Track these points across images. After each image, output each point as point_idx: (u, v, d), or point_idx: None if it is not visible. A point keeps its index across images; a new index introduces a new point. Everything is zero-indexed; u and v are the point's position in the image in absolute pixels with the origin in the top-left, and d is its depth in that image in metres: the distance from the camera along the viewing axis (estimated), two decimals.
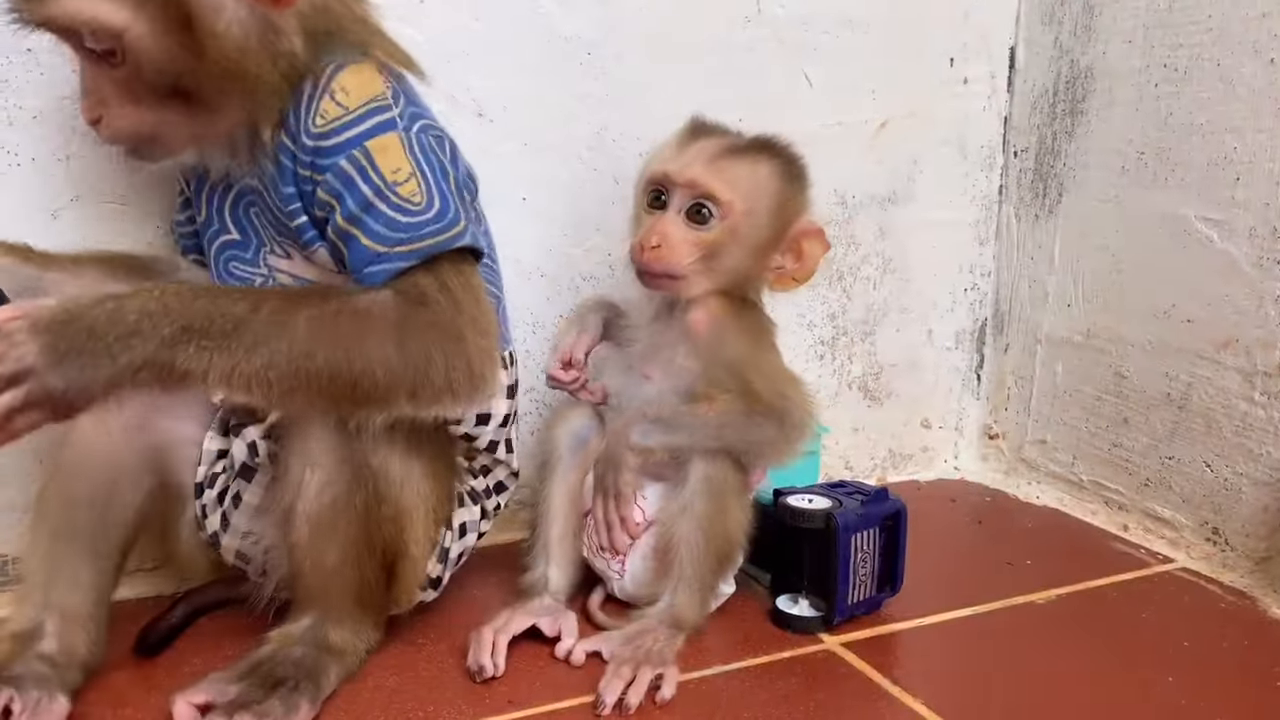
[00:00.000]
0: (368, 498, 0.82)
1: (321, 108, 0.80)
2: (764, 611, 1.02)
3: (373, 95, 0.81)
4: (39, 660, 0.81)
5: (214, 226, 0.90)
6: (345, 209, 0.79)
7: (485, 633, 0.91)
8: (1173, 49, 1.18)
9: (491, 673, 0.88)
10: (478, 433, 0.93)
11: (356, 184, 0.79)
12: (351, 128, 0.80)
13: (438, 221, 0.80)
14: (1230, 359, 1.13)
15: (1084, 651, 0.96)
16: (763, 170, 0.95)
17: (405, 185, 0.79)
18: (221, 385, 0.71)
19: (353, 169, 0.79)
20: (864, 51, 1.29)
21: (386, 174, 0.79)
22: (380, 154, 0.80)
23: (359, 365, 0.74)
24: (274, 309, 0.73)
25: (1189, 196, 1.17)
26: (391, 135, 0.81)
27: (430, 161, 0.82)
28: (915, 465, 1.47)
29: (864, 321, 1.38)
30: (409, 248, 0.79)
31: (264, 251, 0.88)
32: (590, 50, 1.14)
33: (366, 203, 0.79)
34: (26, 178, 0.95)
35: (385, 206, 0.79)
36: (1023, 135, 1.39)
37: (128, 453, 0.87)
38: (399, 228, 0.79)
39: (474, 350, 0.79)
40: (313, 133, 0.80)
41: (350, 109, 0.80)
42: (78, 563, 0.85)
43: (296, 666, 0.82)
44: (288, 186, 0.83)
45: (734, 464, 0.94)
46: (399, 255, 0.78)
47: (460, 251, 0.81)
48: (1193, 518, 1.19)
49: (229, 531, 0.91)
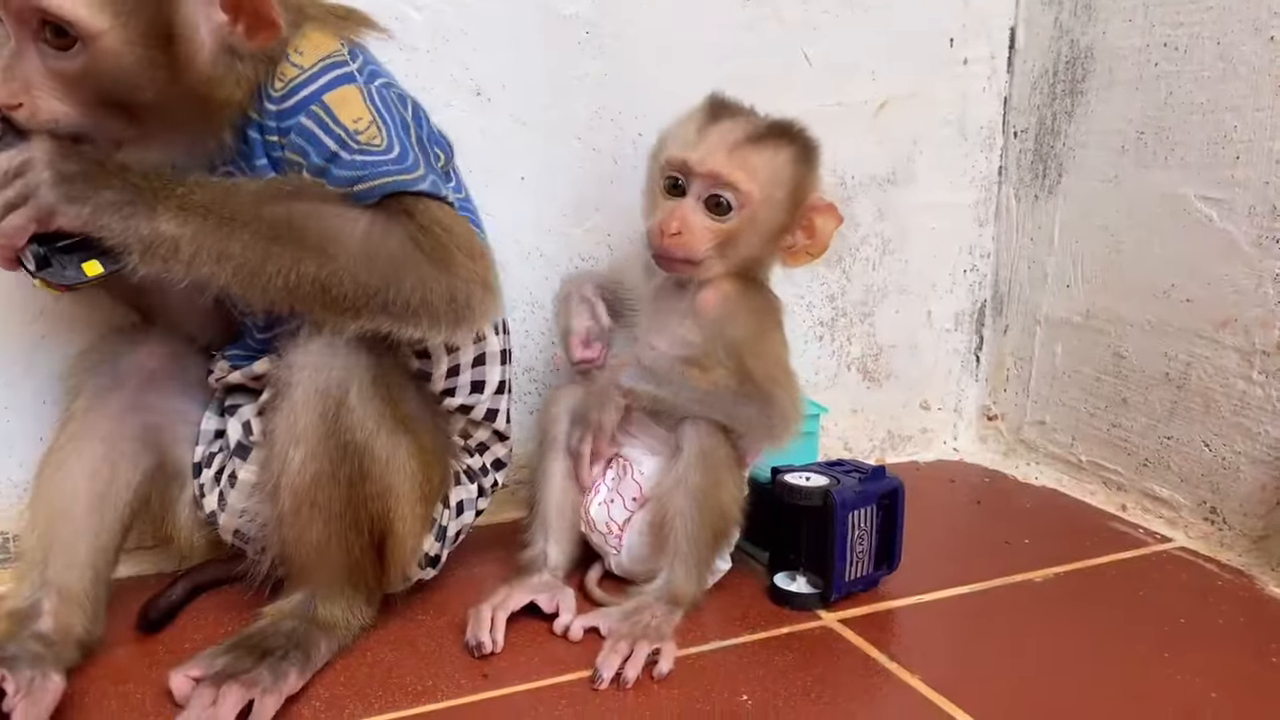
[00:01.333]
0: (352, 474, 0.82)
1: (279, 72, 0.81)
2: (762, 588, 1.02)
3: (328, 52, 0.82)
4: (34, 639, 0.81)
5: None
6: (311, 163, 0.80)
7: (484, 609, 0.92)
8: (1173, 27, 1.18)
9: (490, 649, 0.88)
10: (473, 401, 0.93)
11: (319, 137, 0.80)
12: (309, 84, 0.81)
13: (398, 163, 0.80)
14: (1229, 338, 1.13)
15: (1081, 628, 0.96)
16: (781, 157, 0.95)
17: (365, 132, 0.80)
18: (192, 255, 0.74)
19: (313, 124, 0.80)
20: (864, 31, 1.28)
21: (347, 123, 0.80)
22: (340, 105, 0.80)
23: (328, 269, 0.76)
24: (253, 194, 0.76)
25: (1189, 176, 1.17)
26: (350, 87, 0.81)
27: (390, 112, 0.83)
28: (914, 446, 1.47)
29: (863, 303, 1.38)
30: (368, 185, 0.79)
31: None
32: (589, 29, 1.14)
33: (330, 153, 0.80)
34: None
35: (347, 154, 0.80)
36: (1022, 115, 1.39)
37: (126, 432, 0.88)
38: (359, 167, 0.79)
39: (455, 273, 0.80)
40: (274, 97, 0.81)
41: (305, 67, 0.81)
42: (76, 541, 0.85)
43: (287, 638, 0.82)
44: (259, 159, 0.83)
45: (727, 438, 0.95)
46: (359, 193, 0.79)
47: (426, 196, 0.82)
48: (1191, 497, 1.19)
49: (226, 510, 0.91)
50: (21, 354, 0.99)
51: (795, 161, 0.96)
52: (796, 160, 0.96)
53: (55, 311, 0.98)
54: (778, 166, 0.95)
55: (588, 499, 1.00)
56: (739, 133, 0.95)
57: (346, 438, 0.81)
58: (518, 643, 0.91)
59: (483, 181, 1.09)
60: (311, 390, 0.80)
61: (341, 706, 0.81)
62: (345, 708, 0.81)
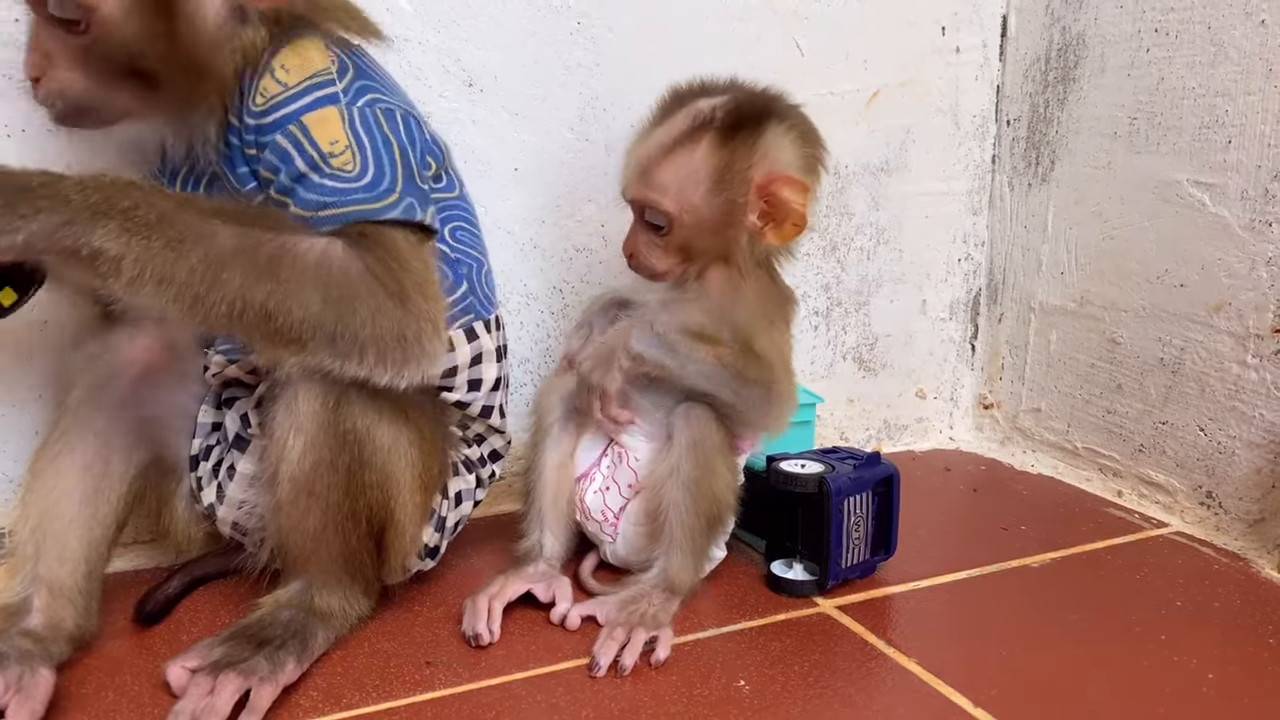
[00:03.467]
0: (351, 463, 0.82)
1: (261, 86, 0.81)
2: (759, 576, 1.02)
3: (314, 71, 0.81)
4: (23, 636, 0.81)
5: None
6: (279, 182, 0.80)
7: (480, 600, 0.92)
8: (1164, 13, 1.18)
9: (488, 640, 0.88)
10: (470, 399, 0.93)
11: (292, 157, 0.79)
12: (289, 104, 0.80)
13: (368, 190, 0.79)
14: (1223, 322, 1.13)
15: (1078, 613, 0.96)
16: (695, 156, 0.93)
17: (339, 157, 0.79)
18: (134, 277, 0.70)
19: (288, 143, 0.79)
20: (856, 21, 1.29)
21: (323, 145, 0.79)
22: (317, 126, 0.80)
23: (277, 296, 0.74)
24: (203, 212, 0.73)
25: (1181, 161, 1.17)
26: (330, 109, 0.80)
27: (372, 134, 0.81)
28: (910, 435, 1.47)
29: (858, 292, 1.38)
30: (333, 212, 0.78)
31: None
32: (580, 20, 1.14)
33: (299, 174, 0.79)
34: (18, 149, 0.95)
35: (317, 176, 0.79)
36: (1015, 104, 1.39)
37: (120, 426, 0.87)
38: (327, 192, 0.79)
39: (409, 309, 0.78)
40: (254, 111, 0.81)
41: (289, 85, 0.81)
42: (68, 536, 0.85)
43: (284, 628, 0.82)
44: (240, 166, 0.83)
45: (719, 425, 0.95)
46: (323, 219, 0.78)
47: (400, 225, 0.81)
48: (1186, 482, 1.19)
49: (225, 502, 0.91)
50: (15, 349, 0.99)
51: (711, 150, 0.92)
52: (713, 148, 0.92)
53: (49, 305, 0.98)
54: (690, 169, 0.93)
55: (583, 486, 1.00)
56: (655, 146, 0.94)
57: (347, 425, 0.81)
58: (514, 631, 0.91)
59: (476, 173, 1.10)
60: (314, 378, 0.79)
61: (339, 696, 0.81)
62: (343, 697, 0.81)
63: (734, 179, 0.93)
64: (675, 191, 0.93)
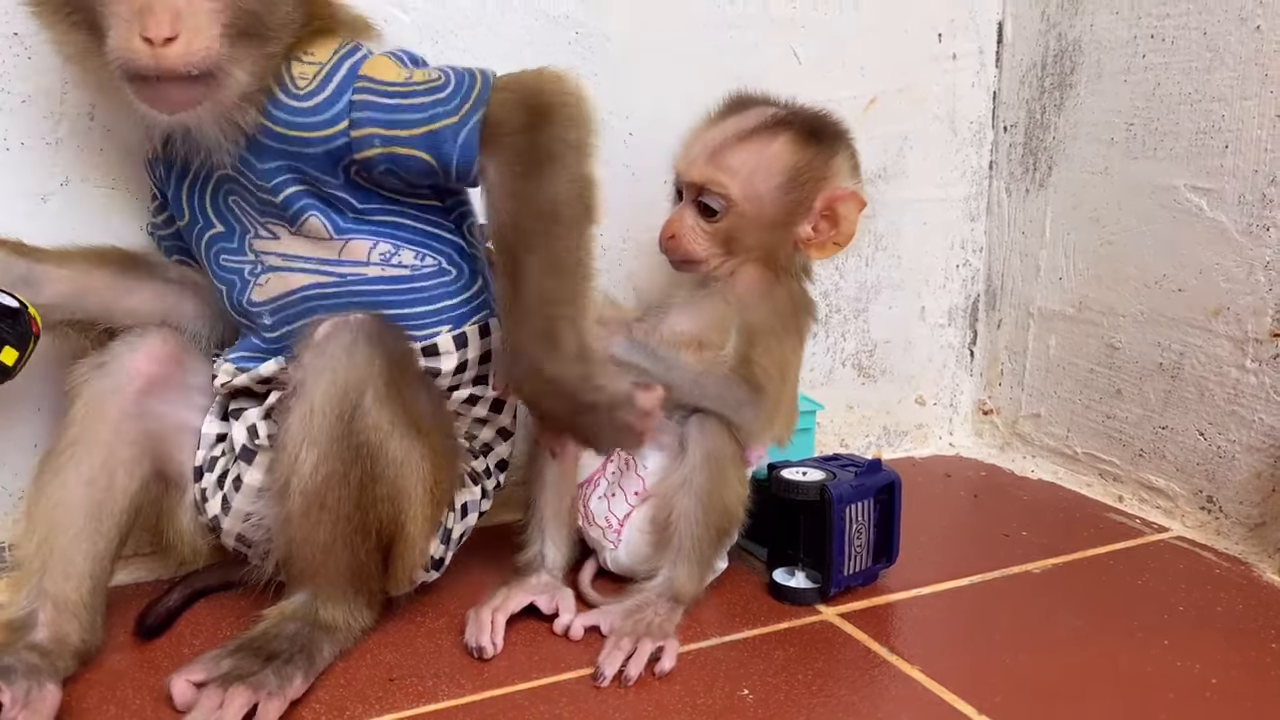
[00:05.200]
0: (363, 476, 0.82)
1: (295, 73, 0.82)
2: (761, 584, 1.02)
3: (335, 46, 0.84)
4: (29, 650, 0.80)
5: (199, 224, 0.89)
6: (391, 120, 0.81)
7: (483, 612, 0.91)
8: (1159, 19, 1.18)
9: (491, 652, 0.88)
10: (480, 392, 0.93)
11: (379, 102, 0.81)
12: (337, 70, 0.82)
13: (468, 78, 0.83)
14: (1222, 327, 1.14)
15: (1080, 618, 0.96)
16: (772, 149, 0.96)
17: (415, 79, 0.82)
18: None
19: (367, 95, 0.81)
20: (853, 28, 1.29)
21: (397, 80, 0.82)
22: (376, 70, 0.83)
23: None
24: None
25: (1178, 166, 1.17)
26: (374, 58, 0.84)
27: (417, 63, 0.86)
28: (910, 442, 1.48)
29: (857, 299, 1.39)
30: (470, 104, 0.82)
31: (248, 238, 0.88)
32: (579, 29, 1.14)
33: (399, 107, 0.81)
34: (15, 162, 0.95)
35: (417, 99, 0.81)
36: (1012, 110, 1.40)
37: (123, 440, 0.87)
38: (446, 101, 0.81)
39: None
40: (298, 94, 0.81)
41: (323, 61, 0.83)
42: (72, 550, 0.85)
43: (291, 641, 0.82)
44: (269, 162, 0.83)
45: (733, 437, 0.95)
46: (471, 109, 0.81)
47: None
48: (1187, 486, 1.19)
49: (230, 515, 0.91)
50: None
51: (790, 150, 0.96)
52: (792, 148, 0.96)
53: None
54: (765, 159, 0.95)
55: (586, 492, 1.00)
56: (728, 132, 0.96)
57: (360, 439, 0.81)
58: (518, 642, 0.91)
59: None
60: (329, 391, 0.80)
61: (343, 708, 0.80)
62: (346, 709, 0.80)
63: (806, 182, 0.96)
64: (745, 177, 0.95)
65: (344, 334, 0.80)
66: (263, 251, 0.88)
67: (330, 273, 0.86)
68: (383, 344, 0.81)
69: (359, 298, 0.86)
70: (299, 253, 0.86)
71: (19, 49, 0.93)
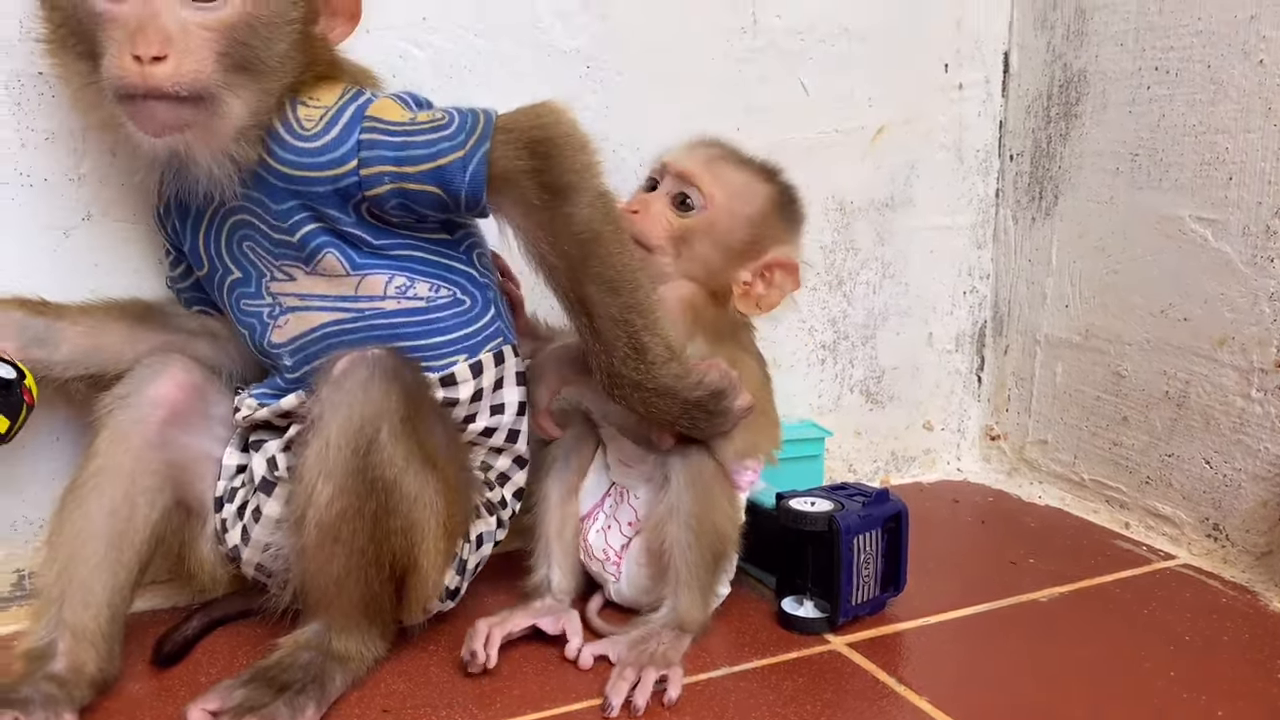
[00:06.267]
0: (378, 510, 0.84)
1: (301, 116, 0.85)
2: (769, 613, 1.03)
3: (340, 91, 0.87)
4: (48, 680, 0.82)
5: (219, 271, 0.92)
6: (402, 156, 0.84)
7: (481, 625, 0.93)
8: (1164, 52, 1.20)
9: (483, 661, 0.89)
10: (495, 423, 0.95)
11: (388, 140, 0.84)
12: (343, 112, 0.85)
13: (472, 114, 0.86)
14: (1227, 356, 1.15)
15: (1087, 647, 0.97)
16: (755, 186, 1.01)
17: (420, 119, 0.85)
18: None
19: (373, 134, 0.84)
20: (859, 60, 1.30)
21: (401, 120, 0.85)
22: (383, 111, 0.85)
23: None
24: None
25: (1183, 197, 1.18)
26: (378, 100, 0.87)
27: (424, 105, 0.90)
28: (918, 467, 1.48)
29: (865, 326, 1.40)
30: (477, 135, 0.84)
31: (265, 282, 0.90)
32: (589, 64, 1.16)
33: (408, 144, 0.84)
34: (39, 198, 0.97)
35: (423, 136, 0.84)
36: (1018, 139, 1.41)
37: (146, 470, 0.89)
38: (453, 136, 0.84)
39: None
40: (304, 135, 0.84)
41: (330, 104, 0.85)
42: (92, 580, 0.86)
43: (304, 671, 0.83)
44: (282, 202, 0.85)
45: (713, 459, 0.95)
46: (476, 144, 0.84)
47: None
48: (1193, 514, 1.20)
49: (250, 545, 0.92)
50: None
51: (765, 196, 1.01)
52: (767, 196, 1.01)
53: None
54: (749, 190, 1.00)
55: (586, 526, 1.02)
56: (721, 152, 1.02)
57: (376, 474, 0.82)
58: (528, 671, 0.92)
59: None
60: (345, 426, 0.81)
61: None
62: None
63: (770, 230, 1.01)
64: (731, 192, 0.99)
65: (360, 369, 0.82)
66: (279, 294, 0.89)
67: (348, 309, 0.88)
68: (399, 379, 0.83)
69: (377, 331, 0.88)
70: (316, 291, 0.88)
71: (43, 88, 0.95)
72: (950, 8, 1.36)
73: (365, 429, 0.82)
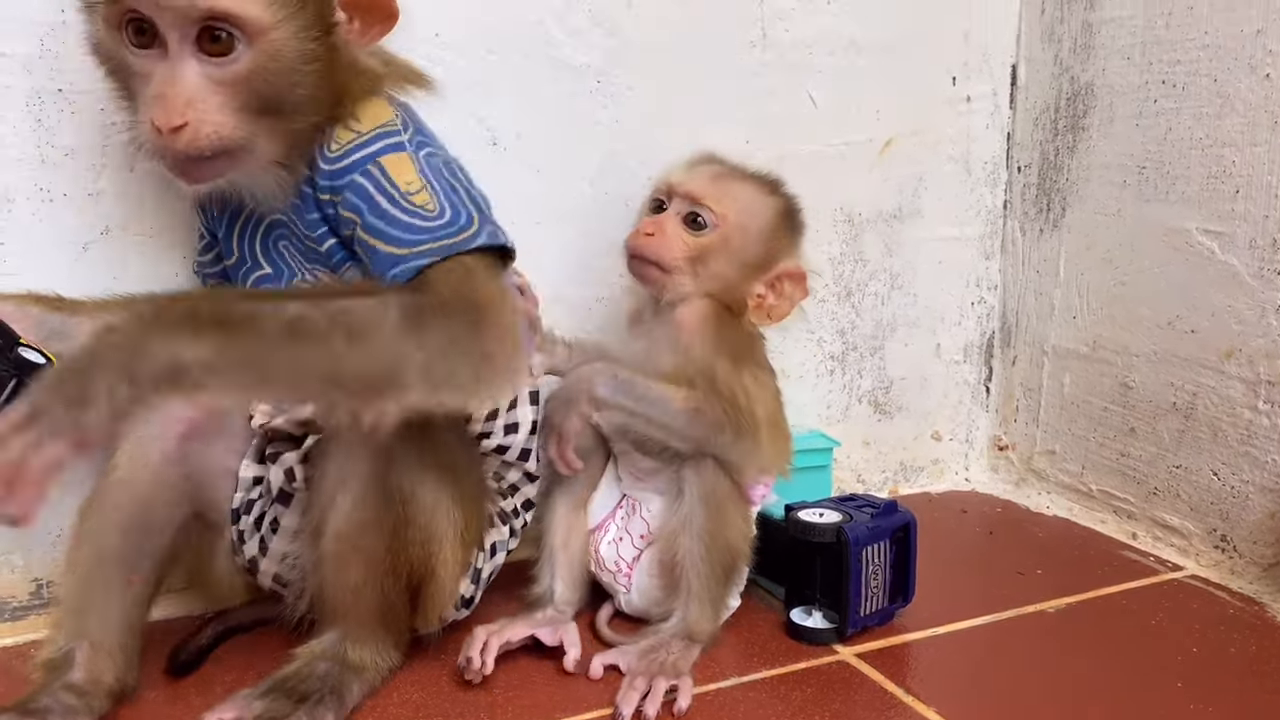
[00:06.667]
0: (396, 520, 0.85)
1: (336, 135, 0.85)
2: (778, 624, 1.04)
3: (383, 122, 0.87)
4: (66, 691, 0.83)
5: (247, 264, 0.93)
6: (365, 220, 0.83)
7: (479, 632, 0.94)
8: (1170, 65, 1.20)
9: (478, 667, 0.90)
10: (509, 442, 0.96)
11: (373, 196, 0.83)
12: (364, 148, 0.85)
13: (451, 226, 0.83)
14: (1234, 369, 1.15)
15: (1095, 659, 0.98)
16: (761, 199, 1.02)
17: (418, 195, 0.84)
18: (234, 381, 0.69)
19: (368, 183, 0.84)
20: (867, 73, 1.31)
21: (400, 184, 0.83)
22: (393, 167, 0.84)
23: (375, 350, 0.73)
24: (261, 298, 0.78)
25: (1190, 209, 1.19)
26: (402, 154, 0.85)
27: (440, 178, 0.86)
28: (926, 477, 1.49)
29: (873, 336, 1.41)
30: (427, 247, 0.81)
31: (295, 282, 0.91)
32: (600, 78, 1.17)
33: (383, 211, 0.83)
34: (58, 212, 0.98)
35: (401, 214, 0.83)
36: (1026, 151, 1.42)
37: (164, 483, 0.89)
38: (417, 231, 0.82)
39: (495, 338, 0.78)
40: (329, 157, 0.85)
41: (362, 133, 0.86)
42: (110, 592, 0.87)
43: (321, 681, 0.85)
44: (311, 213, 0.87)
45: (728, 476, 0.97)
46: (418, 255, 0.81)
47: (482, 252, 0.84)
48: (1201, 525, 1.20)
49: (267, 556, 0.94)
50: None
51: (773, 209, 1.02)
52: (775, 208, 1.02)
53: None
54: (757, 204, 1.01)
55: (597, 537, 1.02)
56: (723, 169, 1.03)
57: (394, 484, 0.84)
58: (538, 680, 0.93)
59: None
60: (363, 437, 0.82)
61: None
62: None
63: (777, 241, 1.02)
64: (741, 207, 1.00)
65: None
66: None
67: None
68: None
69: None
70: None
71: (63, 104, 0.96)
72: (958, 21, 1.37)
73: (383, 438, 0.82)
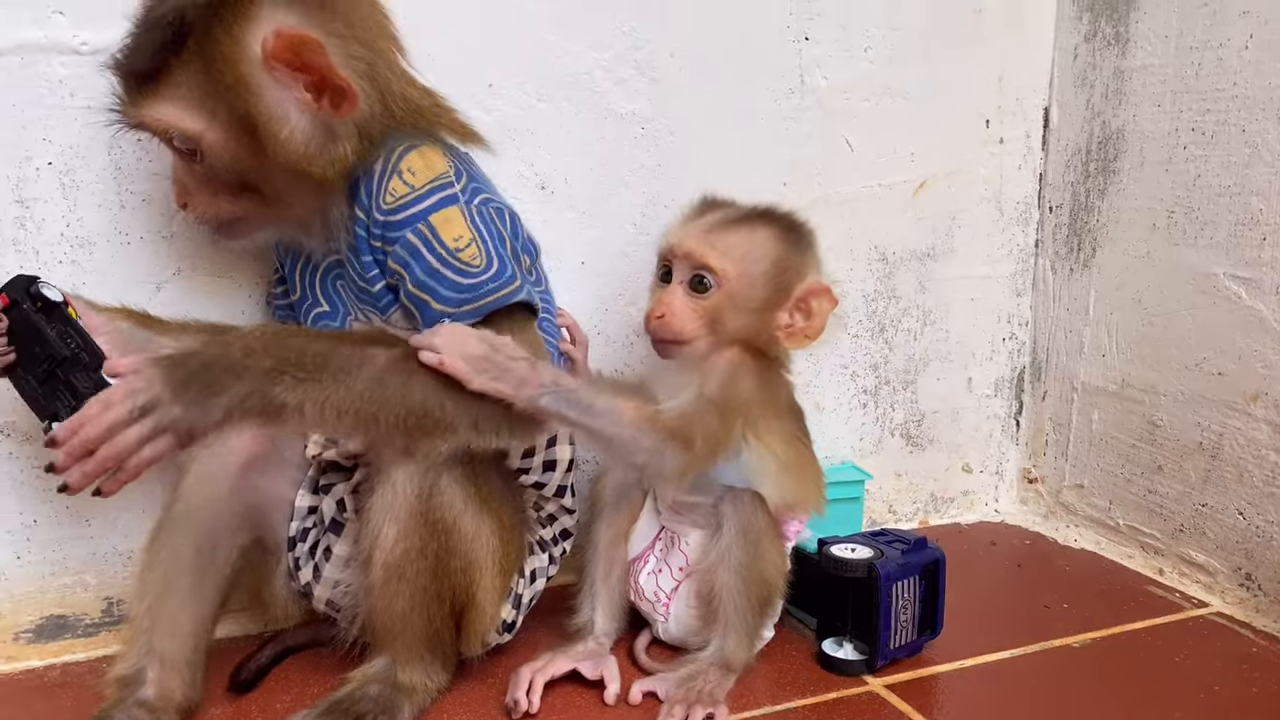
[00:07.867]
0: (439, 550, 0.90)
1: (390, 187, 0.90)
2: (810, 654, 1.08)
3: (437, 174, 0.91)
4: (138, 706, 0.89)
5: (308, 301, 0.99)
6: (414, 277, 0.89)
7: (524, 672, 0.98)
8: (1200, 114, 1.23)
9: (525, 708, 0.94)
10: (546, 479, 1.01)
11: (423, 254, 0.89)
12: (417, 204, 0.90)
13: (495, 280, 0.90)
14: (1260, 411, 1.18)
15: (1119, 695, 1.00)
16: (758, 236, 1.01)
17: (466, 251, 0.89)
18: (313, 415, 0.81)
19: (419, 241, 0.89)
20: (902, 117, 1.35)
21: (449, 242, 0.89)
22: (443, 226, 0.90)
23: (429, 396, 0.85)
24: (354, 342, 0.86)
25: (1217, 255, 1.22)
26: (454, 208, 0.91)
27: (490, 229, 0.92)
28: (957, 508, 1.52)
29: (905, 371, 1.44)
30: (472, 306, 0.89)
31: (349, 320, 0.97)
32: (644, 125, 1.22)
33: (433, 270, 0.89)
34: (135, 254, 1.05)
35: (450, 272, 0.89)
36: (1057, 192, 1.45)
37: (229, 510, 0.95)
38: (462, 289, 0.89)
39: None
40: (383, 209, 0.90)
41: (416, 187, 0.90)
42: (179, 611, 0.93)
43: (374, 703, 0.90)
44: (365, 256, 0.92)
45: (766, 511, 1.01)
46: (463, 314, 0.89)
47: (518, 307, 0.92)
48: (1226, 563, 1.23)
49: (321, 582, 0.99)
50: None
51: (774, 240, 1.00)
52: (776, 239, 1.01)
53: None
54: (754, 244, 1.00)
55: (637, 568, 1.07)
56: (717, 218, 1.02)
57: (437, 516, 0.89)
58: (576, 708, 0.97)
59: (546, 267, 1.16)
60: (409, 471, 0.88)
61: None
62: None
63: (787, 270, 1.01)
64: (738, 258, 0.99)
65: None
66: None
67: None
68: None
69: None
70: None
71: (140, 154, 1.03)
72: (992, 65, 1.41)
73: (427, 474, 0.89)
